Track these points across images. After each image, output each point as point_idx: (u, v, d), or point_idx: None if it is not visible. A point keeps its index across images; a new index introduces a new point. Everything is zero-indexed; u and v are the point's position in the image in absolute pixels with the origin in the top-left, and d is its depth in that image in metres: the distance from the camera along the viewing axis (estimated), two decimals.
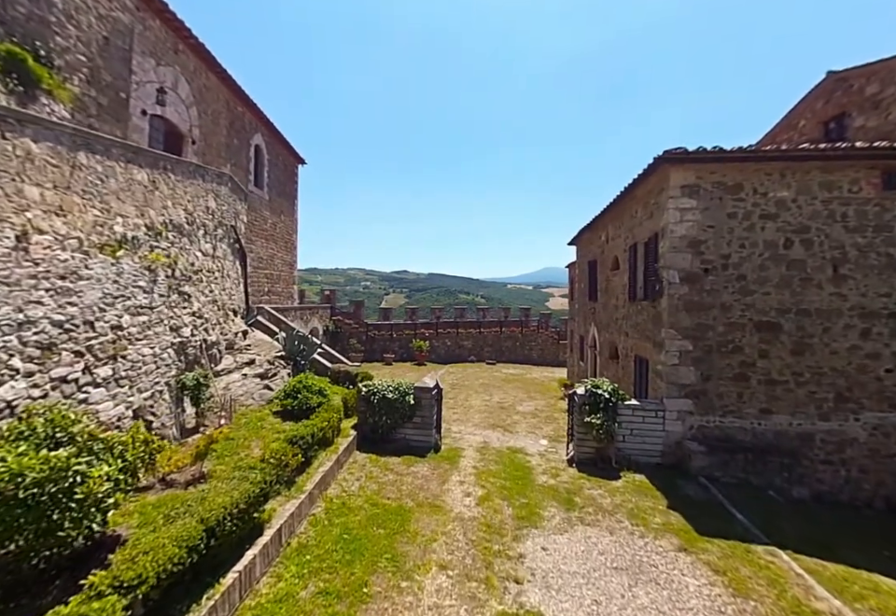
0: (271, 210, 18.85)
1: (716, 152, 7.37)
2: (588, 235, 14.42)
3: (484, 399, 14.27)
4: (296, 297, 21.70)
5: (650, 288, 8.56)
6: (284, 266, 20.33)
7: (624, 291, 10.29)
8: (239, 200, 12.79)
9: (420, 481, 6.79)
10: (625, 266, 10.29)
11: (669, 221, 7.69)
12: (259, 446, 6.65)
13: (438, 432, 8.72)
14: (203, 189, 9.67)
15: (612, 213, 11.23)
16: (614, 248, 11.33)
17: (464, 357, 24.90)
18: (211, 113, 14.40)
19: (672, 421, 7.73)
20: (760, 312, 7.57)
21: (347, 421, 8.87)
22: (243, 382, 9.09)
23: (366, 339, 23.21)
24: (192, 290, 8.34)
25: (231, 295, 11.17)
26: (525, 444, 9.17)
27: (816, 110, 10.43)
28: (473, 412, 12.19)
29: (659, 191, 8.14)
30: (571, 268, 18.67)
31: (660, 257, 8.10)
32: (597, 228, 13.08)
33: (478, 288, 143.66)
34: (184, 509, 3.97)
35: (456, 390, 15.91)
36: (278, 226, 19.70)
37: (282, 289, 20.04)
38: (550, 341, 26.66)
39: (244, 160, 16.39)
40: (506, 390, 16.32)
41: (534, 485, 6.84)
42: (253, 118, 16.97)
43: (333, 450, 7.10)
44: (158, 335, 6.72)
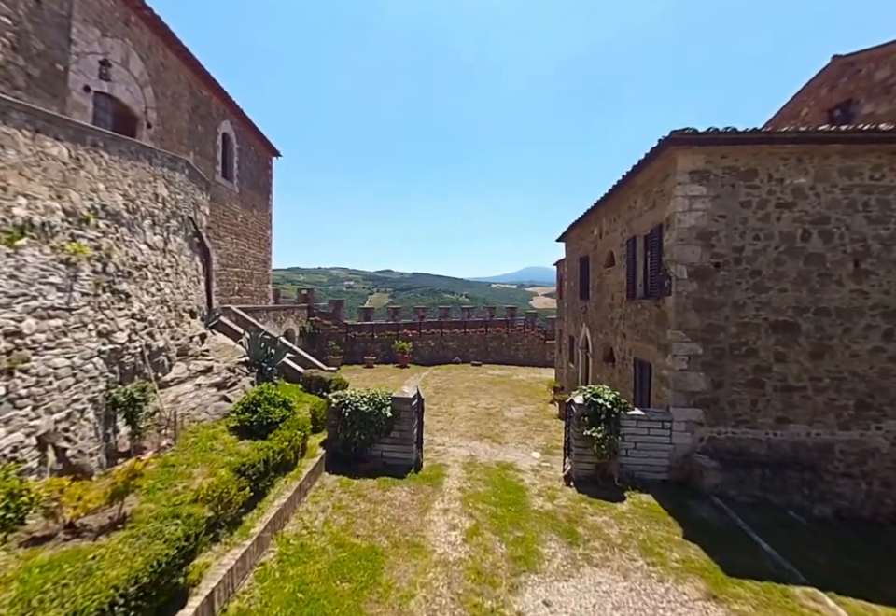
0: (241, 204, 17.53)
1: (729, 133, 6.55)
2: (579, 230, 13.60)
3: (470, 404, 13.31)
4: (270, 296, 20.39)
5: (652, 286, 7.72)
6: (256, 264, 19.01)
7: (621, 289, 9.45)
8: (199, 189, 11.53)
9: (397, 510, 5.77)
10: (622, 262, 9.45)
11: (676, 210, 6.84)
12: (205, 474, 5.53)
13: (419, 447, 7.71)
14: (150, 173, 8.43)
15: (607, 205, 10.39)
16: (609, 243, 10.49)
17: (448, 358, 23.93)
18: (171, 95, 13.08)
19: (680, 433, 6.89)
20: (776, 311, 6.78)
21: (317, 436, 7.79)
22: (196, 393, 7.90)
23: (346, 340, 22.02)
24: (133, 289, 7.13)
25: (188, 294, 9.93)
26: (517, 458, 8.23)
27: (820, 98, 9.79)
28: (459, 419, 11.21)
29: (664, 178, 7.29)
30: (560, 265, 17.87)
31: (665, 250, 7.26)
32: (590, 222, 12.25)
33: (462, 288, 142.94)
34: (72, 580, 2.88)
35: (440, 394, 14.91)
36: (250, 221, 18.38)
37: (255, 289, 18.73)
38: (536, 341, 25.90)
39: (210, 148, 15.07)
40: (493, 394, 15.40)
41: (529, 512, 5.89)
42: (220, 103, 15.65)
43: (295, 475, 6.01)
44: (79, 342, 5.53)
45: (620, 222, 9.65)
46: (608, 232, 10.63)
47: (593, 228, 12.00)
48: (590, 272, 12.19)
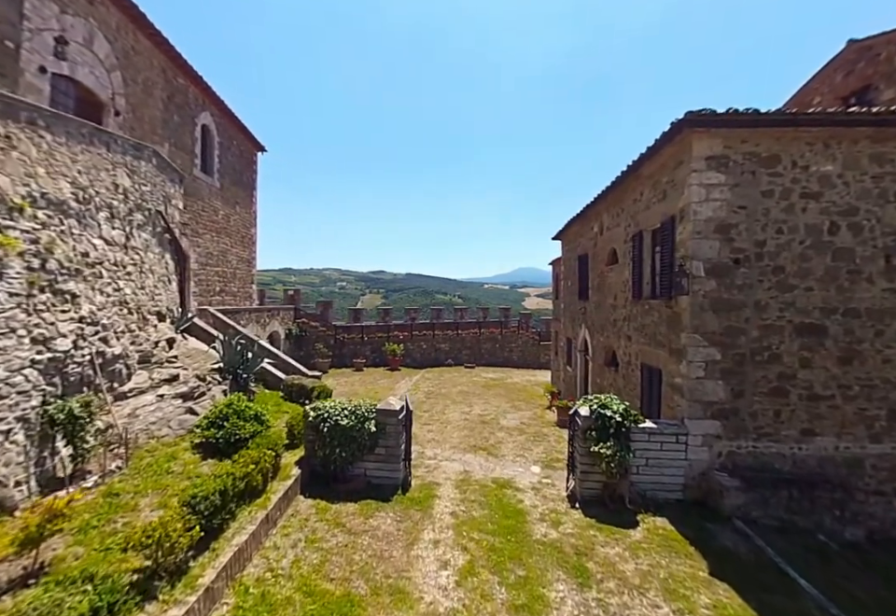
0: (223, 200, 16.62)
1: (750, 114, 5.85)
2: (577, 227, 12.90)
3: (463, 410, 12.54)
4: (255, 297, 19.48)
5: (663, 284, 7.01)
6: (239, 263, 18.10)
7: (625, 288, 8.74)
8: (171, 182, 10.64)
9: (380, 543, 4.98)
10: (626, 259, 8.74)
11: (691, 201, 6.13)
12: (154, 504, 4.71)
13: (407, 464, 6.92)
14: (107, 160, 7.56)
15: (609, 199, 9.69)
16: (611, 240, 9.79)
17: (441, 360, 23.15)
18: (142, 81, 12.17)
19: (696, 447, 6.18)
20: (801, 312, 6.10)
21: (293, 453, 6.97)
22: (158, 405, 7.05)
23: (334, 343, 21.15)
24: (82, 288, 6.27)
25: (156, 295, 9.06)
26: (515, 473, 7.48)
27: (834, 84, 9.19)
28: (451, 428, 10.44)
29: (676, 165, 6.59)
30: (555, 265, 17.18)
31: (677, 245, 6.55)
32: (589, 218, 11.56)
33: (455, 288, 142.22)
34: None
35: (432, 400, 14.13)
36: (232, 218, 17.46)
37: (237, 289, 17.81)
38: (530, 342, 25.22)
39: (187, 140, 14.16)
40: (487, 399, 14.65)
41: (531, 542, 5.14)
42: (199, 93, 14.74)
43: (262, 503, 5.19)
44: (4, 351, 4.68)
45: (624, 217, 8.95)
46: (609, 228, 9.93)
47: (592, 224, 11.31)
48: (589, 270, 11.49)
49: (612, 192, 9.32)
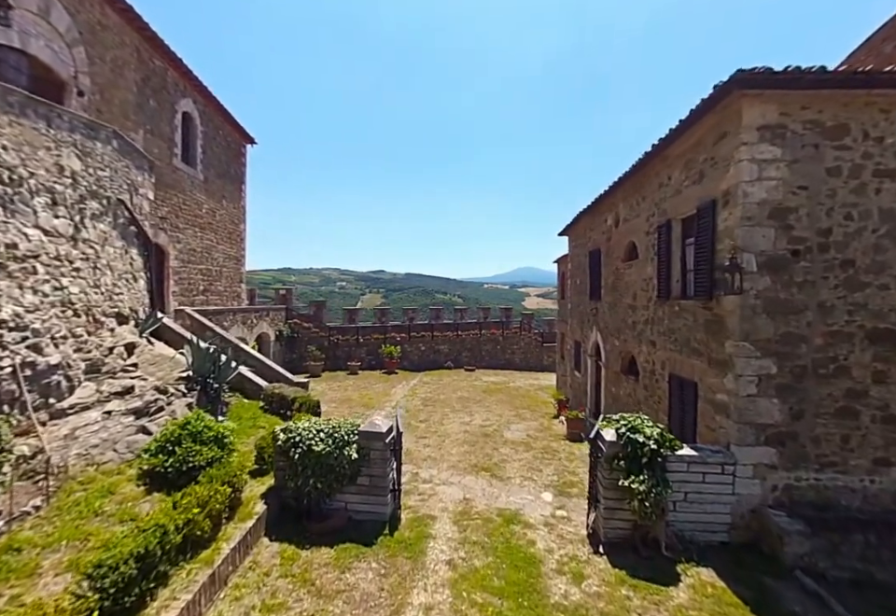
0: (207, 193, 15.49)
1: (816, 73, 4.72)
2: (587, 221, 11.76)
3: (463, 420, 11.42)
4: (244, 297, 18.35)
5: (699, 282, 5.88)
6: (226, 260, 16.97)
7: (648, 287, 7.62)
8: (138, 169, 9.51)
9: (357, 611, 3.86)
10: (649, 254, 7.62)
11: (740, 180, 5.00)
12: (64, 564, 3.59)
13: (396, 496, 5.78)
14: (49, 138, 6.44)
15: (627, 186, 8.55)
16: (629, 232, 8.66)
17: (440, 362, 22.02)
18: (111, 61, 11.03)
19: (746, 480, 5.06)
20: (875, 315, 4.98)
21: (262, 482, 5.83)
22: (103, 424, 5.92)
23: (328, 345, 20.02)
24: (5, 286, 5.16)
25: (115, 294, 7.94)
26: (523, 502, 6.36)
27: (884, 55, 8.04)
28: (450, 443, 9.31)
29: (718, 138, 5.45)
30: (561, 262, 16.05)
31: (719, 235, 5.42)
32: (602, 210, 10.42)
33: (455, 288, 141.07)
34: None
35: (430, 408, 13.01)
36: (218, 213, 16.33)
37: (224, 288, 16.68)
38: (533, 343, 24.10)
39: (166, 127, 13.02)
40: (489, 406, 13.53)
41: (549, 608, 4.01)
42: (180, 78, 13.60)
43: (208, 558, 4.06)
44: None
45: (645, 205, 7.82)
46: (627, 220, 8.80)
47: (605, 216, 10.17)
48: (602, 267, 10.36)
49: (631, 179, 8.19)
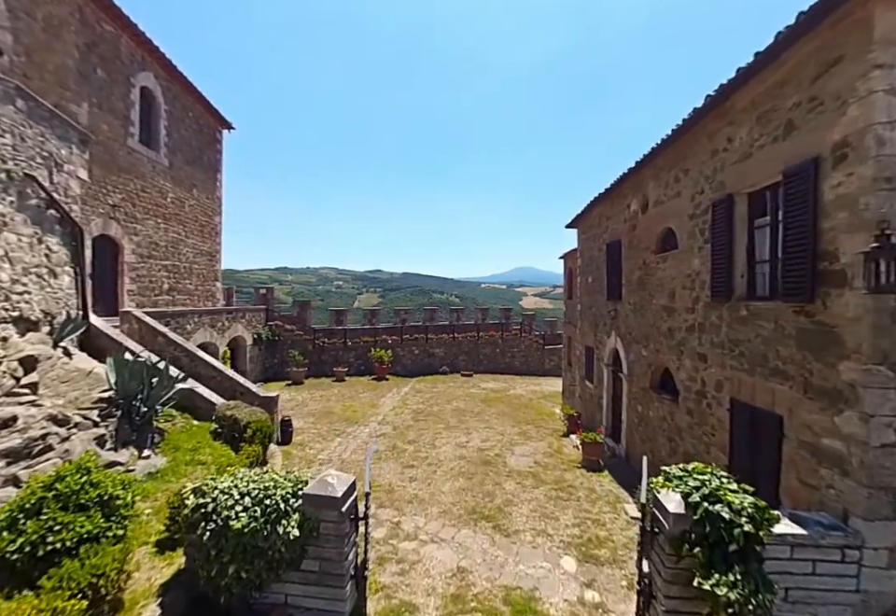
0: (173, 180, 13.69)
1: None
2: (604, 208, 10.04)
3: (459, 441, 9.68)
4: (220, 297, 16.56)
5: (788, 276, 4.16)
6: (198, 256, 15.17)
7: (694, 284, 5.91)
8: (62, 140, 7.71)
9: None
10: (695, 242, 5.91)
11: (873, 121, 3.30)
12: None
13: (359, 584, 4.01)
14: None
15: (661, 160, 6.84)
16: (664, 217, 6.94)
17: (435, 367, 20.28)
18: (44, 19, 9.26)
19: (878, 570, 3.36)
20: None
21: (169, 560, 4.07)
22: None
23: (313, 348, 18.24)
24: None
25: (15, 294, 6.16)
26: (538, 576, 4.63)
27: None
28: (442, 475, 7.57)
29: (827, 67, 3.73)
30: (568, 258, 14.34)
31: (826, 208, 3.72)
32: (623, 193, 8.70)
33: (452, 288, 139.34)
34: None
35: (421, 423, 11.27)
36: (187, 203, 14.53)
37: (195, 287, 14.89)
38: (534, 346, 22.41)
39: (118, 103, 11.22)
40: (488, 420, 11.80)
41: None
42: (137, 48, 11.80)
43: None
44: None
45: (689, 181, 6.10)
46: (660, 202, 7.07)
47: (628, 201, 8.46)
48: (623, 262, 8.65)
49: (668, 150, 6.48)
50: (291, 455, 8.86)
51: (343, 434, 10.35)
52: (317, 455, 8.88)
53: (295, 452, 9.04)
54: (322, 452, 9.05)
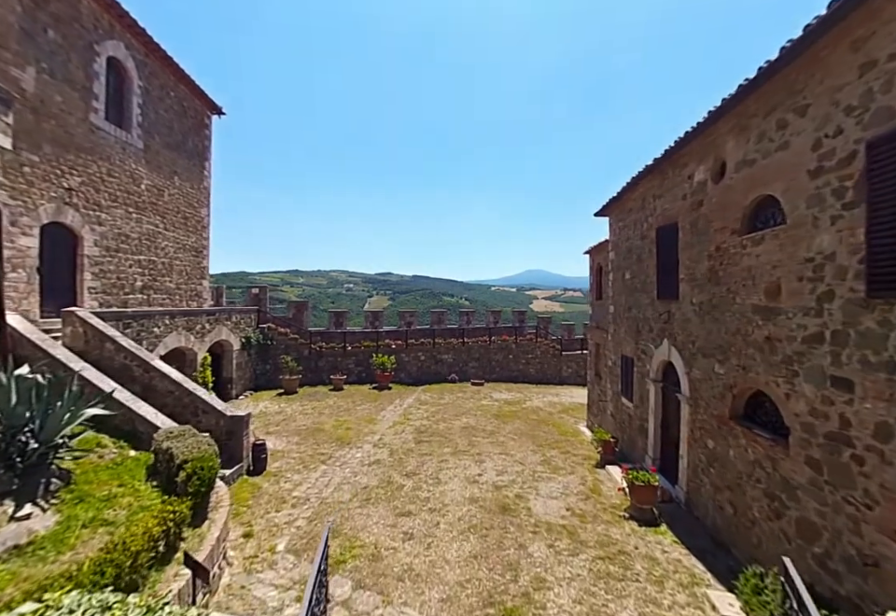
0: (150, 166, 12.06)
1: None
2: (650, 185, 8.02)
3: (470, 473, 7.74)
4: (207, 296, 14.90)
5: None
6: (180, 252, 13.53)
7: (822, 273, 3.91)
8: None
9: None
10: (821, 208, 3.92)
11: None
12: None
13: None
14: None
15: (757, 101, 4.84)
16: (755, 182, 4.93)
17: (443, 375, 18.35)
18: None
19: None
20: None
21: None
22: None
23: (309, 354, 16.45)
24: None
25: None
26: None
27: None
28: (446, 531, 5.62)
29: None
30: (596, 253, 12.32)
31: None
32: (680, 161, 6.71)
33: (462, 291, 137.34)
34: None
35: (424, 447, 9.34)
36: (167, 192, 12.89)
37: (176, 285, 13.23)
38: (550, 352, 20.35)
39: (77, 72, 9.59)
40: (503, 442, 9.84)
41: None
42: (102, 12, 10.19)
43: None
44: None
45: (807, 122, 4.10)
46: (748, 163, 5.07)
47: (689, 170, 6.47)
48: (680, 250, 6.66)
49: (766, 86, 4.52)
50: (260, 489, 7.04)
51: (329, 460, 8.49)
52: (293, 490, 7.03)
53: (266, 485, 7.21)
54: (299, 486, 7.21)
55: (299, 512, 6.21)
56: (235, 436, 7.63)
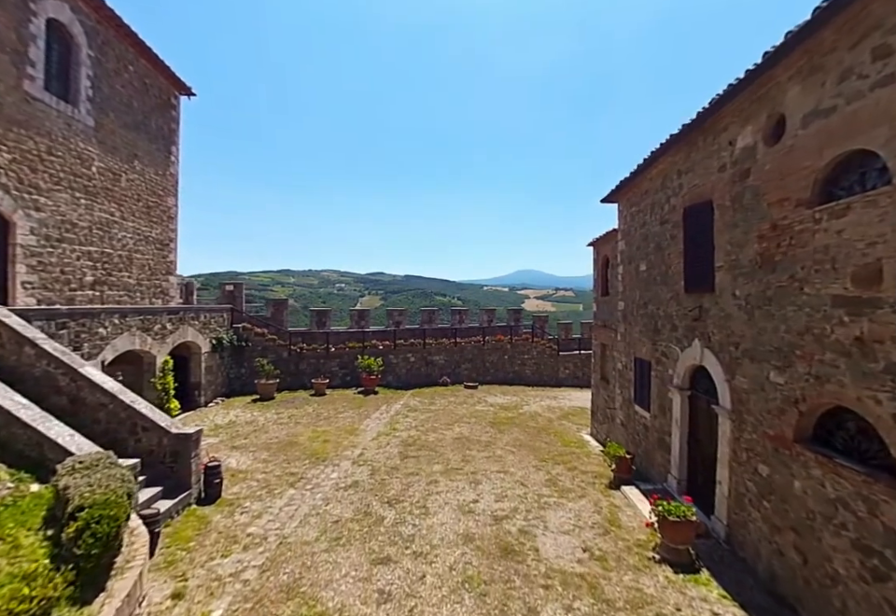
0: (103, 147, 10.63)
1: None
2: (674, 159, 6.81)
3: (463, 499, 6.49)
4: (174, 293, 13.46)
5: None
6: (141, 244, 12.10)
7: None
8: None
9: None
10: None
11: None
12: None
13: None
14: None
15: (837, 31, 3.66)
16: (835, 136, 3.76)
17: (434, 377, 17.09)
18: None
19: None
20: None
21: None
22: None
23: (289, 355, 15.09)
24: None
25: None
26: None
27: None
28: (434, 587, 4.34)
29: None
30: (602, 244, 11.15)
31: None
32: (718, 126, 5.51)
33: (455, 291, 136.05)
34: None
35: (410, 463, 8.08)
36: (125, 177, 11.46)
37: (136, 281, 11.81)
38: (547, 352, 19.23)
39: (8, 33, 8.24)
40: (501, 456, 8.61)
41: None
42: None
43: None
44: None
45: None
46: (824, 112, 3.89)
47: (730, 135, 5.29)
48: (716, 232, 5.49)
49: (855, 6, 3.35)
50: (209, 524, 5.72)
51: (300, 482, 7.20)
52: (249, 525, 5.72)
53: (218, 518, 5.89)
54: (258, 518, 5.90)
55: (250, 558, 4.92)
56: (182, 458, 6.29)
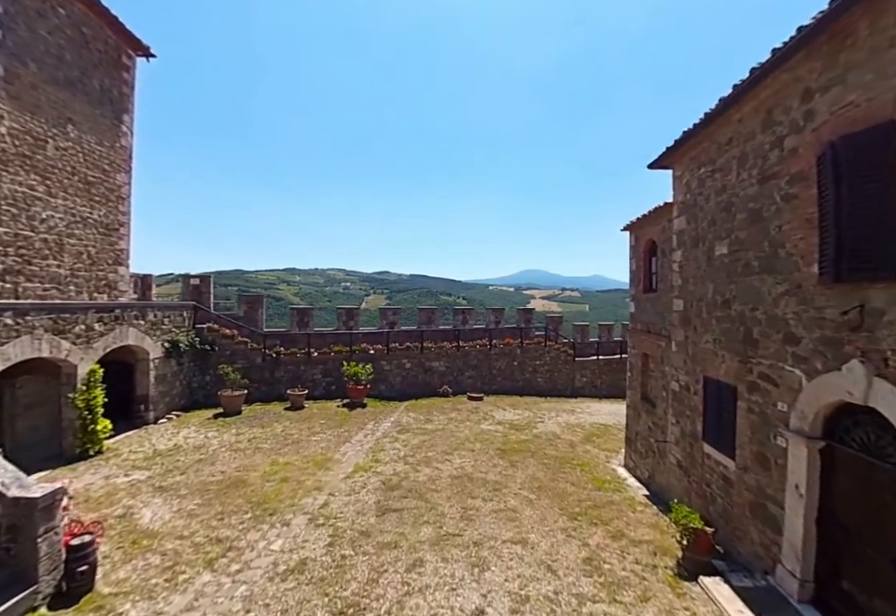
0: (17, 103, 8.37)
1: None
2: (790, 80, 4.39)
3: (460, 612, 4.16)
4: (125, 288, 11.22)
5: None
6: (76, 227, 9.84)
7: None
8: None
9: None
10: None
11: None
12: None
13: None
14: None
15: None
16: None
17: (433, 386, 14.72)
18: None
19: None
20: None
21: None
22: None
23: (264, 361, 12.80)
24: None
25: None
26: None
27: None
28: None
29: None
30: (642, 227, 8.67)
31: None
32: None
33: (460, 290, 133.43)
34: None
35: (387, 526, 5.67)
36: (54, 145, 9.21)
37: (70, 272, 9.56)
38: (562, 358, 16.80)
39: None
40: (515, 511, 6.21)
41: None
42: None
43: None
44: None
45: None
46: None
47: None
48: None
49: None
50: None
51: (224, 557, 4.86)
52: None
53: None
54: None
55: None
56: (23, 535, 3.98)
